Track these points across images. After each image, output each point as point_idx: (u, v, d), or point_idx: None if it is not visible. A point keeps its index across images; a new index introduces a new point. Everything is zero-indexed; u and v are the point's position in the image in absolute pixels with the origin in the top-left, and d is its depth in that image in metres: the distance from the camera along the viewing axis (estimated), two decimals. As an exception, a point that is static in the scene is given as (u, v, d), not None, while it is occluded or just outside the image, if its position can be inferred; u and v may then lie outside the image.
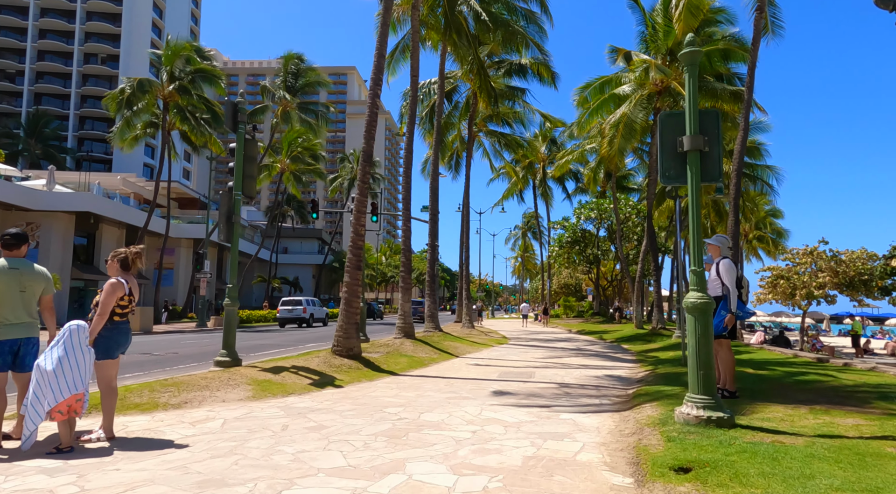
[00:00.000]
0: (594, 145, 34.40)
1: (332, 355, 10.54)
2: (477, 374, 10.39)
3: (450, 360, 13.05)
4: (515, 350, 16.07)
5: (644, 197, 40.04)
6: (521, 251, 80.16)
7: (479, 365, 11.94)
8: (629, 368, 11.83)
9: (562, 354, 15.00)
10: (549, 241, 45.70)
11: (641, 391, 7.80)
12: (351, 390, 8.25)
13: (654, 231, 22.65)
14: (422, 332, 18.28)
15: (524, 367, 11.72)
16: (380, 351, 12.87)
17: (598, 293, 43.31)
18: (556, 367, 11.70)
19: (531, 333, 27.18)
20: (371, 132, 11.07)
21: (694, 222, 5.04)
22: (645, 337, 20.69)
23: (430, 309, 18.45)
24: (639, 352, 16.11)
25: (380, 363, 11.02)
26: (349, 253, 10.80)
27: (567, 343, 19.59)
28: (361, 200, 10.92)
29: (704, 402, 4.75)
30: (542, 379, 9.70)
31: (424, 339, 15.58)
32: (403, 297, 14.76)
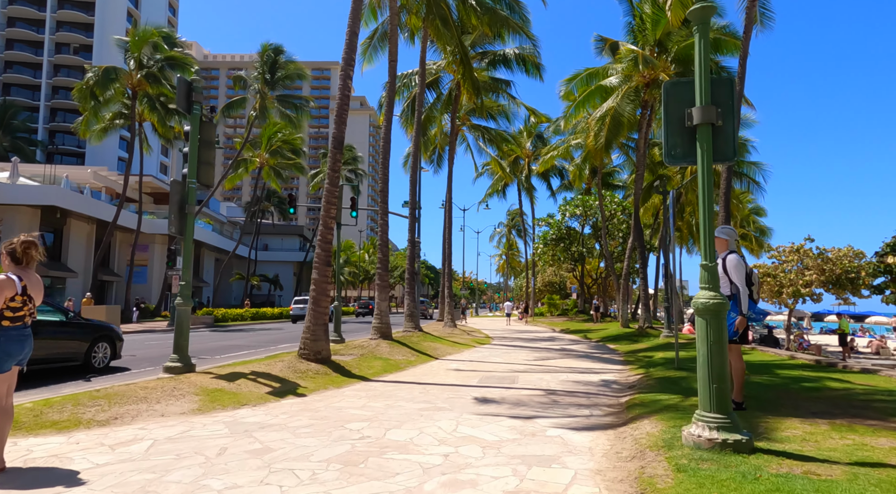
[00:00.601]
0: (580, 141, 33.81)
1: (299, 359, 9.66)
2: (456, 379, 9.59)
3: (428, 363, 12.24)
4: (498, 351, 15.32)
5: (630, 194, 39.68)
6: (505, 249, 79.61)
7: (460, 369, 11.14)
8: (619, 371, 11.13)
9: (547, 355, 14.28)
10: (534, 238, 45.13)
11: (636, 399, 7.07)
12: (314, 399, 7.39)
13: (640, 227, 22.08)
14: (401, 332, 17.44)
15: (507, 370, 10.95)
16: (353, 354, 12.01)
17: (582, 291, 42.83)
18: (541, 370, 10.96)
19: (515, 332, 26.49)
20: (342, 116, 10.19)
21: (705, 208, 4.29)
22: (631, 337, 20.10)
23: (410, 308, 17.60)
24: (627, 352, 15.47)
25: (351, 367, 10.17)
26: (318, 248, 9.92)
27: (552, 343, 18.91)
28: (332, 189, 10.04)
29: (719, 422, 4.00)
30: (527, 385, 8.93)
31: (402, 340, 14.74)
32: (380, 295, 13.90)
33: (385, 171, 14.49)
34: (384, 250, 14.29)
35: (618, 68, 20.52)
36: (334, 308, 15.60)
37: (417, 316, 17.73)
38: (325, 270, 9.85)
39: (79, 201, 35.07)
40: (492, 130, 31.26)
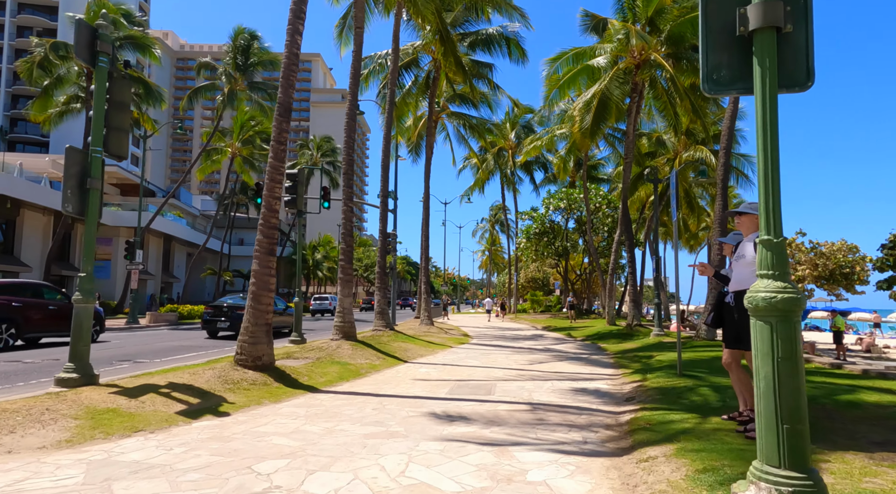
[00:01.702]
0: (564, 131, 32.54)
1: (234, 366, 8.08)
2: (422, 389, 8.11)
3: (394, 367, 10.74)
4: (476, 352, 13.88)
5: (615, 187, 38.57)
6: (488, 245, 78.38)
7: (429, 376, 9.66)
8: (611, 377, 9.76)
9: (530, 357, 12.88)
10: (517, 233, 43.83)
11: (641, 419, 5.65)
12: (234, 421, 5.84)
13: (629, 218, 20.83)
14: (369, 331, 15.91)
15: (484, 377, 9.50)
16: (308, 357, 10.46)
17: (566, 287, 41.69)
18: (523, 377, 9.53)
19: (496, 329, 25.12)
20: (289, 79, 8.61)
21: (768, 157, 2.85)
22: (619, 335, 18.84)
23: (380, 305, 16.07)
24: (617, 353, 14.14)
25: (299, 374, 8.62)
26: (259, 233, 8.34)
27: (535, 343, 17.55)
28: (276, 165, 8.46)
29: (795, 486, 2.56)
30: (505, 396, 7.50)
31: (369, 340, 13.21)
32: (342, 290, 12.36)
33: (349, 151, 12.90)
34: (348, 241, 12.73)
35: (606, 48, 19.17)
36: (296, 306, 14.02)
37: (389, 314, 16.21)
38: (268, 260, 8.28)
39: (31, 191, 32.78)
40: (473, 119, 29.76)
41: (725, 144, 14.57)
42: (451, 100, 29.49)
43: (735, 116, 14.52)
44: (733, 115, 14.48)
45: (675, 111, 19.20)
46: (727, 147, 14.52)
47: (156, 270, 49.34)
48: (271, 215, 8.33)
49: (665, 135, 30.83)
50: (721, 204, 14.58)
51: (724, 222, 14.62)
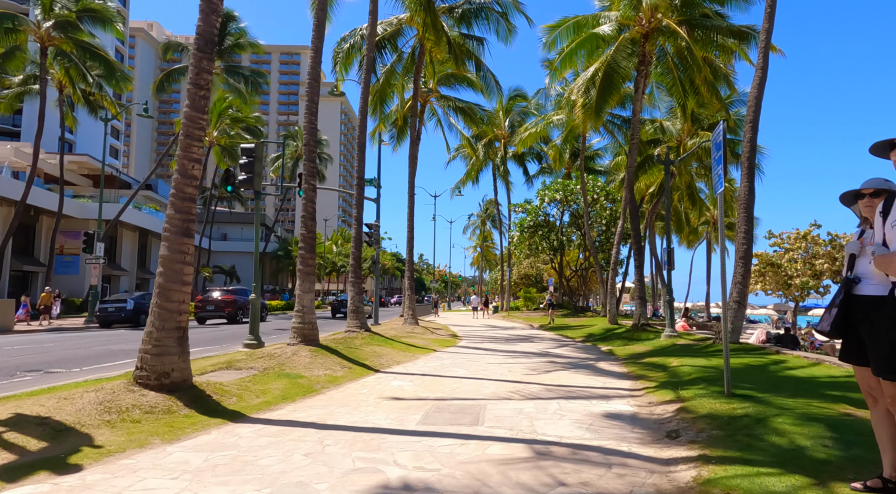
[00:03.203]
0: (561, 117, 30.55)
1: (131, 384, 5.97)
2: (386, 415, 6.06)
3: (360, 379, 8.66)
4: (464, 358, 11.83)
5: (612, 179, 36.64)
6: (479, 241, 76.36)
7: (401, 393, 7.60)
8: (630, 392, 7.75)
9: (526, 364, 10.86)
10: (510, 226, 41.83)
11: (712, 480, 3.61)
12: (79, 484, 3.74)
13: (636, 205, 18.84)
14: (341, 333, 13.83)
15: (470, 394, 7.46)
16: (253, 368, 8.37)
17: (561, 284, 39.76)
18: (521, 392, 7.50)
19: (487, 329, 23.09)
20: (212, 2, 6.48)
21: None
22: (623, 336, 16.89)
23: (354, 302, 13.98)
24: (627, 358, 12.16)
25: (226, 394, 6.53)
26: (170, 207, 6.24)
27: (530, 345, 15.54)
28: (194, 117, 6.37)
29: None
30: (498, 427, 5.47)
31: (335, 345, 11.11)
32: (301, 285, 10.26)
33: (311, 123, 10.74)
34: (309, 226, 10.60)
35: (611, 16, 17.16)
36: (252, 304, 11.91)
37: (364, 312, 14.10)
38: (181, 243, 6.17)
39: (-14, 180, 30.31)
40: (462, 102, 27.67)
41: (752, 117, 12.62)
42: (442, 83, 27.39)
43: (763, 85, 12.57)
44: (761, 82, 12.53)
45: (686, 88, 17.24)
46: (754, 121, 12.59)
47: (130, 265, 46.90)
48: (186, 182, 6.22)
49: (667, 122, 28.90)
50: (747, 186, 12.64)
51: (749, 207, 12.67)
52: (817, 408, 5.48)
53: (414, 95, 20.49)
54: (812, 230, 22.14)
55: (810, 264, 21.28)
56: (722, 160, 6.37)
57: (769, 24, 12.59)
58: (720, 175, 6.48)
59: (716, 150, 6.68)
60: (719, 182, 6.54)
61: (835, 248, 20.98)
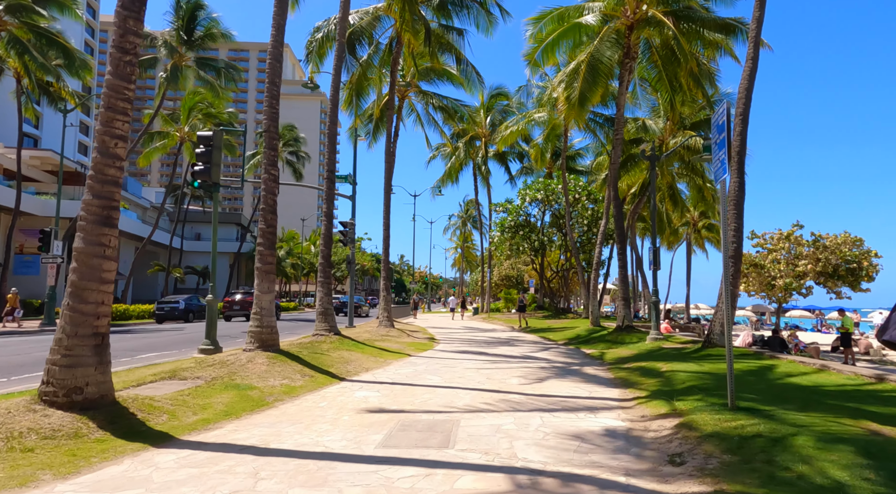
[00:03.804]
0: (543, 115, 29.96)
1: (34, 403, 5.00)
2: (343, 435, 5.19)
3: (321, 390, 7.76)
4: (438, 364, 10.99)
5: (593, 179, 36.18)
6: (460, 242, 75.66)
7: (366, 405, 6.73)
8: (622, 402, 7.00)
9: (506, 369, 10.07)
10: (491, 227, 41.16)
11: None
12: None
13: (620, 202, 18.23)
14: (308, 337, 12.89)
15: (444, 405, 6.64)
16: (199, 378, 7.43)
17: (542, 285, 39.20)
18: (498, 405, 6.69)
19: (466, 331, 22.29)
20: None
21: None
22: (607, 338, 16.24)
23: (323, 303, 13.03)
24: (614, 363, 11.46)
25: (157, 411, 5.59)
26: (87, 191, 5.29)
27: (511, 348, 14.77)
28: (117, 86, 5.42)
29: None
30: (472, 449, 4.65)
31: (298, 350, 10.17)
32: (260, 285, 9.31)
33: (272, 108, 9.77)
34: (269, 219, 9.65)
35: (595, 7, 16.52)
36: (208, 306, 10.90)
37: (333, 314, 13.16)
38: (99, 233, 5.23)
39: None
40: (444, 99, 26.90)
41: (742, 109, 12.05)
42: (422, 77, 26.54)
43: (754, 75, 12.01)
44: (752, 73, 11.97)
45: (672, 82, 16.69)
46: (744, 113, 12.02)
47: (96, 266, 44.99)
48: (108, 163, 5.28)
49: (650, 120, 28.51)
50: (737, 182, 12.06)
51: (739, 203, 12.10)
52: (837, 425, 4.77)
53: (391, 87, 19.61)
54: (795, 231, 21.84)
55: (793, 264, 20.95)
56: (725, 144, 5.66)
57: (760, 13, 12.04)
58: (723, 161, 5.77)
59: (717, 132, 5.97)
60: (722, 169, 5.82)
61: (818, 249, 20.67)
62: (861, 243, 20.85)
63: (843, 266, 20.06)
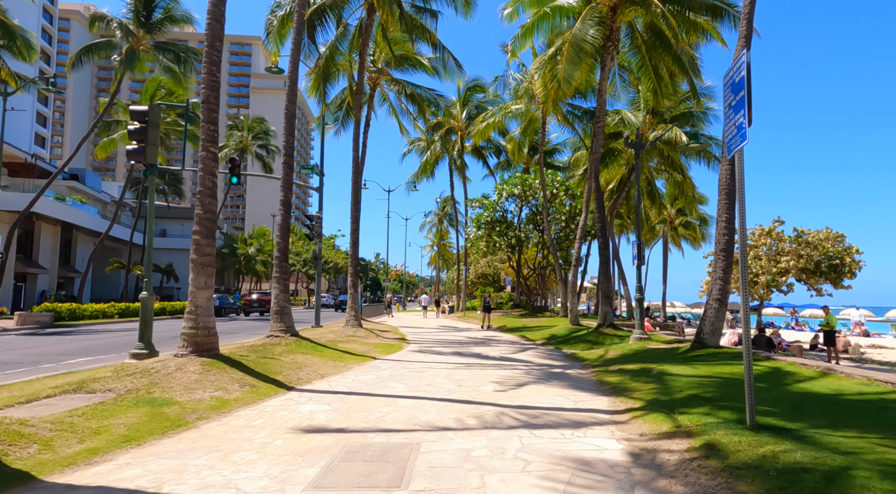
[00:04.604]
0: (520, 106, 29.03)
1: None
2: (264, 471, 4.00)
3: (260, 403, 6.53)
4: (406, 368, 9.84)
5: (571, 175, 35.45)
6: (436, 239, 74.53)
7: (304, 429, 5.54)
8: (613, 416, 5.96)
9: (481, 374, 8.97)
10: (467, 223, 40.12)
11: None
12: None
13: (601, 194, 17.31)
14: (261, 339, 11.59)
15: (404, 423, 5.49)
16: (110, 391, 6.14)
17: (519, 283, 38.33)
18: (472, 420, 5.58)
19: (440, 330, 21.18)
20: None
21: None
22: (587, 338, 15.31)
23: (279, 301, 11.74)
24: (598, 365, 10.47)
25: (25, 440, 4.31)
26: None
27: (487, 349, 13.70)
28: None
29: None
30: (431, 491, 3.52)
31: (242, 354, 8.89)
32: (196, 280, 7.99)
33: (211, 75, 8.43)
34: (206, 203, 8.32)
35: (578, -14, 15.56)
36: (143, 304, 9.53)
37: (289, 313, 11.88)
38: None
39: None
40: (416, 87, 25.68)
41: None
42: (396, 65, 25.29)
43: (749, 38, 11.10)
44: (748, 36, 11.07)
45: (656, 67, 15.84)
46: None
47: (50, 263, 42.52)
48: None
49: (629, 113, 27.83)
50: (728, 169, 11.21)
51: (731, 193, 11.25)
52: (893, 452, 3.79)
53: (360, 70, 18.32)
54: (776, 227, 21.34)
55: (775, 261, 20.43)
56: (745, 104, 4.65)
57: None
58: (741, 125, 4.75)
59: (733, 92, 4.97)
60: (739, 136, 4.81)
61: (800, 244, 20.18)
62: (843, 238, 20.45)
63: (825, 263, 19.59)
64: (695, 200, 36.21)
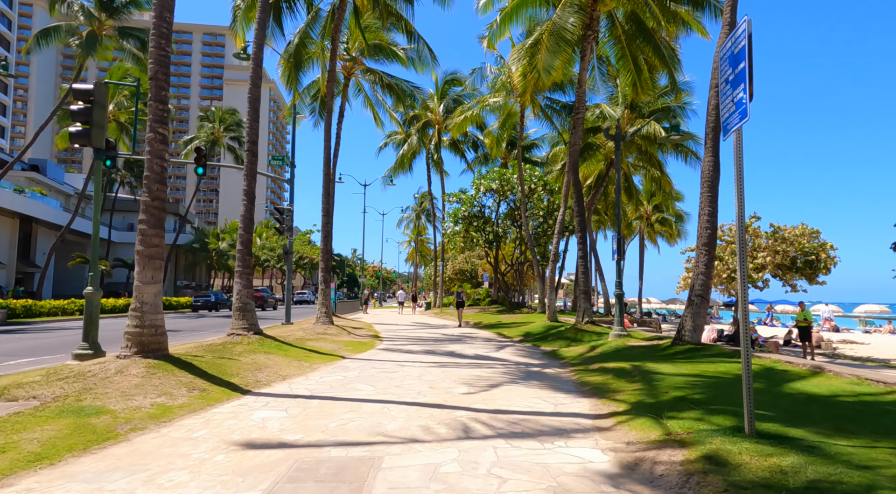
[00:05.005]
0: (498, 100, 28.52)
1: None
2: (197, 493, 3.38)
3: (208, 409, 5.87)
4: (375, 368, 9.24)
5: (549, 170, 35.17)
6: (414, 235, 73.81)
7: (250, 443, 4.92)
8: (595, 422, 5.48)
9: (455, 374, 8.43)
10: (444, 218, 39.57)
11: None
12: None
13: (580, 187, 16.90)
14: (220, 339, 10.86)
15: (366, 433, 4.91)
16: (34, 398, 5.44)
17: (496, 279, 37.97)
18: (441, 429, 5.03)
19: (416, 327, 20.61)
20: None
21: None
22: (566, 335, 14.92)
23: (241, 297, 11.01)
24: (577, 364, 10.03)
25: None
26: None
27: (462, 346, 13.19)
28: None
29: None
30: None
31: (197, 355, 8.18)
32: (142, 274, 7.21)
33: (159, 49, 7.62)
34: (154, 189, 7.53)
35: (558, -27, 15.09)
36: (87, 300, 8.73)
37: (252, 310, 11.16)
38: None
39: None
40: (392, 77, 24.99)
41: (717, 81, 10.84)
42: (370, 55, 24.54)
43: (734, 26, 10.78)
44: (732, 23, 10.75)
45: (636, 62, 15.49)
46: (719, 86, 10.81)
47: (7, 257, 40.63)
48: None
49: (607, 107, 27.58)
50: (712, 161, 10.88)
51: (713, 185, 10.92)
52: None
53: (332, 55, 17.55)
54: (753, 222, 21.31)
55: (752, 257, 20.38)
56: (745, 77, 4.19)
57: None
58: (740, 101, 4.29)
59: (731, 65, 4.51)
60: (738, 113, 4.35)
61: (777, 240, 20.16)
62: (818, 234, 20.52)
63: (800, 258, 19.61)
64: (671, 196, 36.28)
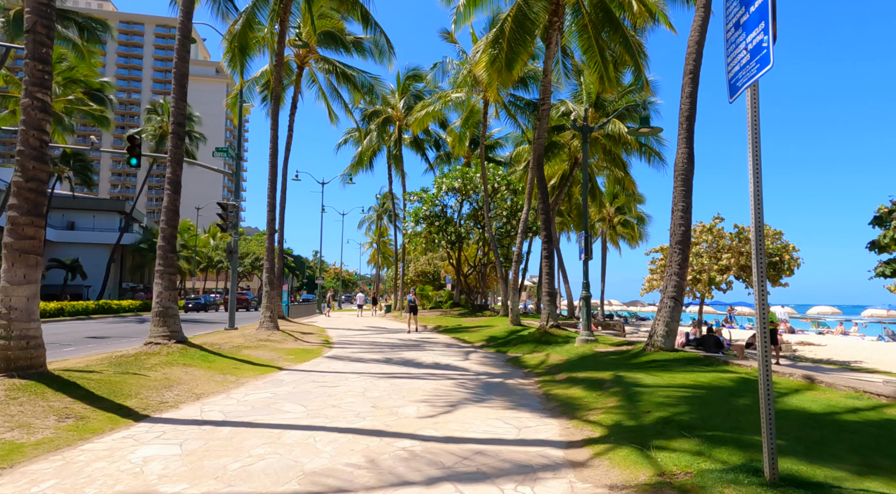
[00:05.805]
0: (460, 95, 27.57)
1: None
2: None
3: (76, 446, 4.54)
4: (313, 381, 8.00)
5: (513, 170, 34.46)
6: (375, 236, 72.25)
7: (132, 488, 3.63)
8: (567, 454, 4.44)
9: (406, 389, 7.30)
10: (405, 218, 38.39)
11: None
12: None
13: (545, 184, 16.05)
14: (138, 347, 9.39)
15: (273, 479, 3.72)
16: None
17: (459, 281, 36.99)
18: (374, 468, 3.89)
19: (372, 332, 19.35)
20: None
21: None
22: (530, 339, 13.98)
23: (162, 301, 9.55)
24: (543, 374, 9.04)
25: None
26: None
27: (418, 353, 12.05)
28: None
29: None
30: None
31: (84, 371, 6.77)
32: (9, 272, 5.72)
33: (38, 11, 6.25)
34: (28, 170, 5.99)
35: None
36: None
37: (175, 314, 9.72)
38: None
39: None
40: (349, 67, 23.68)
41: (692, 67, 10.15)
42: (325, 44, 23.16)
43: (705, 26, 10.14)
44: (703, 23, 10.09)
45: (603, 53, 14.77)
46: (694, 72, 10.14)
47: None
48: None
49: (572, 104, 27.04)
50: (685, 153, 10.14)
51: (687, 178, 10.18)
52: None
53: (280, 37, 16.16)
54: (717, 223, 21.04)
55: (716, 258, 20.05)
56: (768, 12, 3.22)
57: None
58: (758, 45, 3.31)
59: (741, 4, 3.53)
60: (756, 62, 3.36)
61: (741, 241, 19.88)
62: (780, 235, 20.40)
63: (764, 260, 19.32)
64: (634, 198, 36.15)
